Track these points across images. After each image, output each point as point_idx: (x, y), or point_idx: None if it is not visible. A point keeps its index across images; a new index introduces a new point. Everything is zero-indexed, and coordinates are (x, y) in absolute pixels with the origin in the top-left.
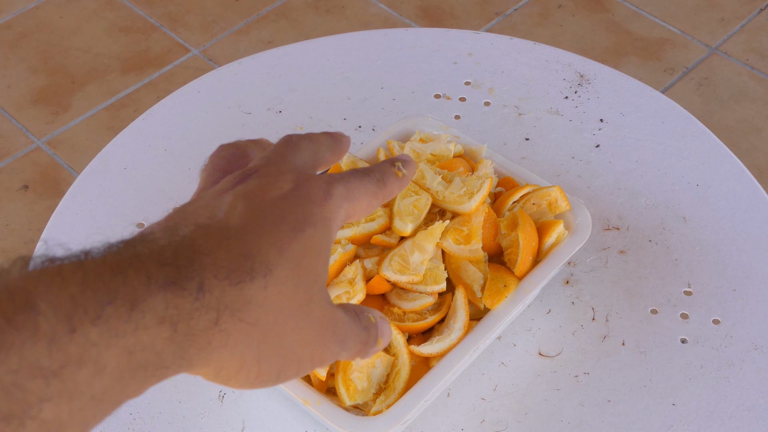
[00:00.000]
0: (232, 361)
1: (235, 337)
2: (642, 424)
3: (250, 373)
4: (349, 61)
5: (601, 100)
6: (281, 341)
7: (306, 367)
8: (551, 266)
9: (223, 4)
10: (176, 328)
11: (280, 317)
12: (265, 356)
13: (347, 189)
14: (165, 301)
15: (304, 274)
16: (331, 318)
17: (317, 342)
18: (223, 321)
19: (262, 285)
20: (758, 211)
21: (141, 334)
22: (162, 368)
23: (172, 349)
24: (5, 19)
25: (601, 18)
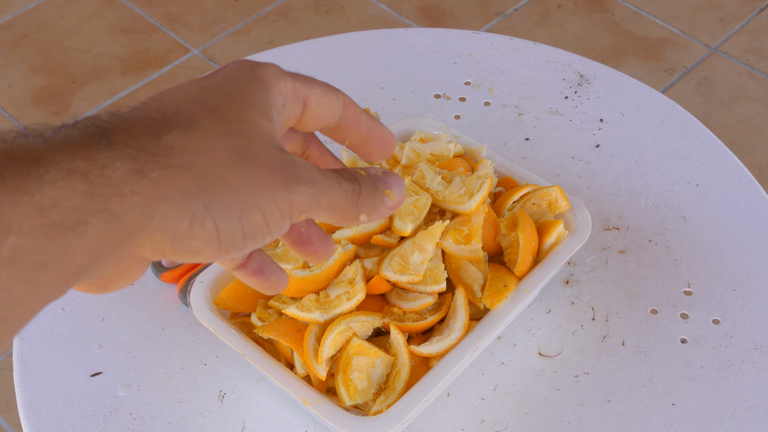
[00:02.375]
0: (178, 215)
1: (166, 183)
2: (642, 424)
3: (206, 225)
4: (349, 61)
5: (601, 100)
6: (226, 185)
7: (273, 213)
8: (551, 266)
9: (223, 4)
10: (88, 179)
11: (214, 160)
12: (215, 203)
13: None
14: (68, 154)
15: (234, 122)
16: (287, 161)
17: (274, 182)
18: (146, 168)
19: (182, 132)
20: (758, 211)
21: (48, 189)
22: (81, 223)
23: (90, 201)
24: (5, 19)
25: (601, 18)
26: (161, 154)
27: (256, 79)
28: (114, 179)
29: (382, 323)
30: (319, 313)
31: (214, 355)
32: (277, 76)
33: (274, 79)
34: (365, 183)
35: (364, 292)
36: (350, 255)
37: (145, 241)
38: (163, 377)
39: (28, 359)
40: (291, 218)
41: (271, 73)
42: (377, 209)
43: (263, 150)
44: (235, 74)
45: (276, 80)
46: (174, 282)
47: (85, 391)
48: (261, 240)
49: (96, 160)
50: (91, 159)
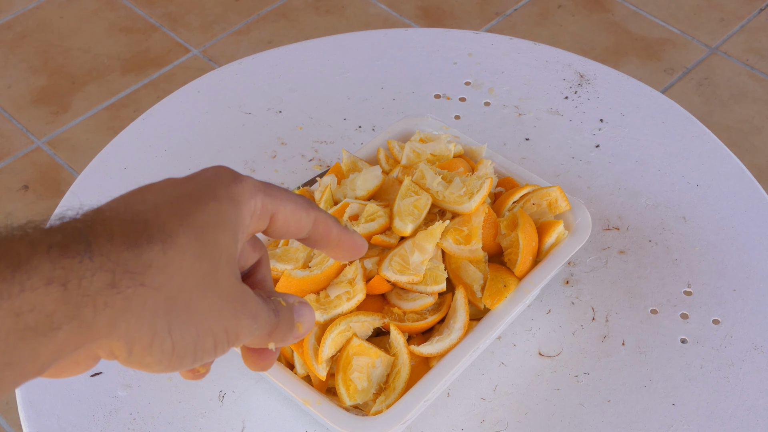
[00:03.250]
0: (142, 331)
1: (138, 301)
2: (642, 424)
3: (164, 345)
4: (349, 61)
5: (601, 100)
6: (190, 310)
7: (222, 340)
8: (551, 266)
9: (223, 4)
10: (67, 288)
11: (185, 284)
12: (177, 325)
13: (266, 186)
14: (51, 262)
15: (208, 244)
16: (241, 292)
17: (229, 313)
18: (122, 283)
19: (161, 250)
20: (758, 211)
21: (28, 296)
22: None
23: (64, 309)
24: (5, 19)
25: (601, 18)
26: (138, 272)
27: (230, 197)
28: (90, 291)
29: (382, 323)
30: (319, 313)
31: None
32: (249, 194)
33: (246, 198)
34: (284, 315)
35: (364, 292)
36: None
37: (105, 345)
38: (163, 377)
39: None
40: (234, 344)
41: (245, 191)
42: (285, 339)
43: (225, 279)
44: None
45: (248, 199)
46: None
47: (85, 391)
48: (204, 361)
49: (77, 272)
50: (72, 269)
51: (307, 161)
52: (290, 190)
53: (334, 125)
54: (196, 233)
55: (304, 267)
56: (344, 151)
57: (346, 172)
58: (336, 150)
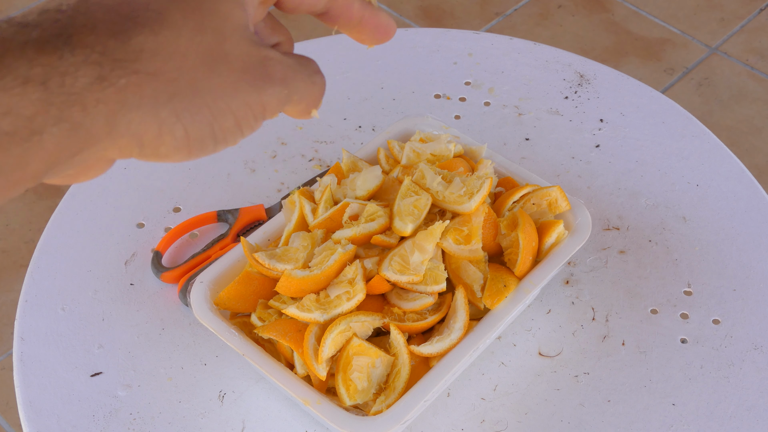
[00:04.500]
0: (146, 123)
1: (133, 92)
2: (642, 424)
3: (176, 133)
4: (349, 61)
5: (601, 100)
6: (197, 90)
7: (245, 116)
8: (551, 266)
9: None
10: (47, 87)
11: (186, 64)
12: (184, 109)
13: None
14: (27, 60)
15: (207, 15)
16: (260, 58)
17: (247, 85)
18: (112, 75)
19: (151, 31)
20: (758, 211)
21: (2, 97)
22: (36, 133)
23: (47, 111)
24: None
25: (601, 18)
26: (129, 60)
27: None
28: (76, 88)
29: (382, 323)
30: (319, 313)
31: (214, 355)
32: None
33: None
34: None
35: (364, 292)
36: (350, 255)
37: (110, 146)
38: (163, 377)
39: (28, 359)
40: (263, 118)
41: None
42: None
43: (236, 47)
44: None
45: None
46: (174, 282)
47: (85, 391)
48: (233, 141)
49: (57, 68)
50: (51, 65)
51: (307, 161)
52: None
53: (334, 125)
54: (191, 5)
55: (304, 267)
56: (344, 151)
57: (346, 172)
58: (336, 150)
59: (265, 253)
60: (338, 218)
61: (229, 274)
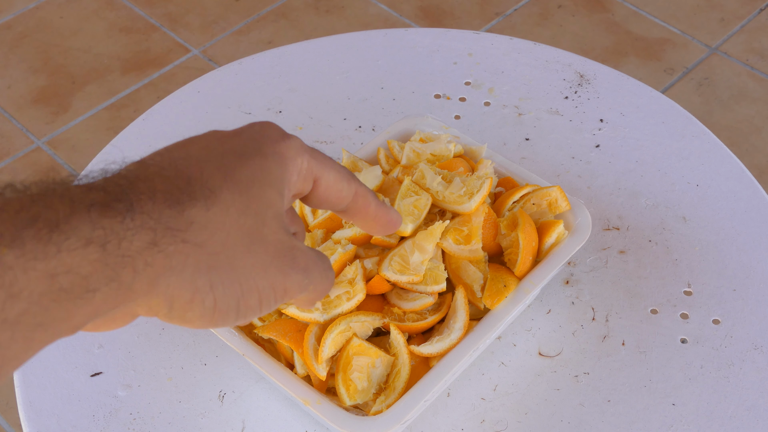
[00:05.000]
0: (182, 288)
1: (179, 259)
2: (642, 424)
3: (206, 302)
4: (349, 61)
5: (601, 100)
6: (234, 266)
7: (268, 297)
8: (551, 266)
9: (223, 4)
10: (105, 249)
11: (228, 240)
12: (219, 282)
13: (312, 149)
14: (90, 222)
15: (253, 200)
16: (290, 246)
17: (275, 270)
18: (163, 242)
19: (203, 206)
20: (758, 211)
21: (64, 256)
22: (90, 291)
23: (102, 271)
24: (5, 19)
25: (601, 18)
26: (180, 229)
27: (277, 154)
28: (131, 251)
29: (382, 323)
30: (319, 313)
31: (214, 355)
32: (295, 152)
33: (292, 155)
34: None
35: (364, 292)
36: (350, 255)
37: (143, 303)
38: (163, 377)
39: None
40: (281, 301)
41: (291, 148)
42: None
43: (273, 233)
44: (260, 142)
45: (294, 157)
46: None
47: (85, 391)
48: (250, 318)
49: (117, 232)
50: (112, 229)
51: None
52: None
53: (334, 125)
54: (241, 189)
55: None
56: (344, 151)
57: None
58: (336, 150)
59: None
60: (338, 218)
61: None
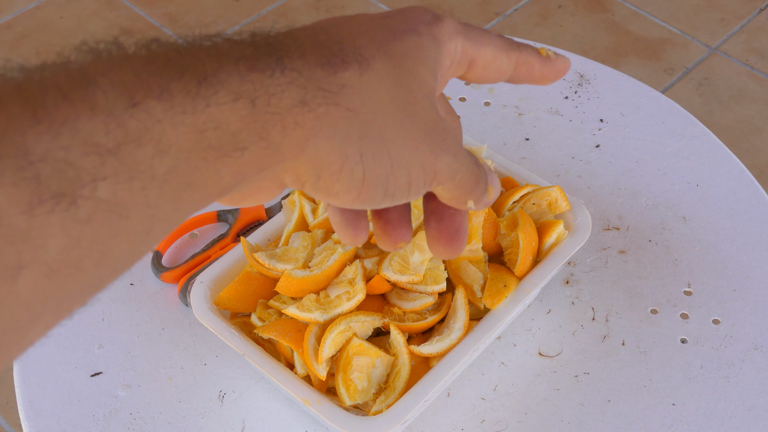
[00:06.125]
0: (332, 155)
1: (329, 121)
2: (642, 424)
3: (355, 172)
4: None
5: (601, 100)
6: (385, 138)
7: (417, 177)
8: (551, 266)
9: (223, 4)
10: (255, 104)
11: (380, 110)
12: (369, 152)
13: (466, 28)
14: (239, 75)
15: (407, 74)
16: (441, 126)
17: (427, 148)
18: (314, 102)
19: (357, 71)
20: (758, 211)
21: (213, 111)
22: (238, 149)
23: (251, 128)
24: (5, 19)
25: (601, 18)
26: (332, 91)
27: (431, 35)
28: (280, 108)
29: (382, 323)
30: (319, 313)
31: (214, 355)
32: (449, 35)
33: (446, 39)
34: (482, 172)
35: (364, 292)
36: (350, 255)
37: (291, 169)
38: (163, 377)
39: (28, 359)
40: (430, 186)
41: (445, 31)
42: (479, 201)
43: (424, 110)
44: (414, 23)
45: (448, 40)
46: (174, 282)
47: (85, 391)
48: (398, 200)
49: (267, 87)
50: (262, 84)
51: None
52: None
53: None
54: (395, 62)
55: (304, 267)
56: None
57: None
58: None
59: (265, 253)
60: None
61: (229, 274)
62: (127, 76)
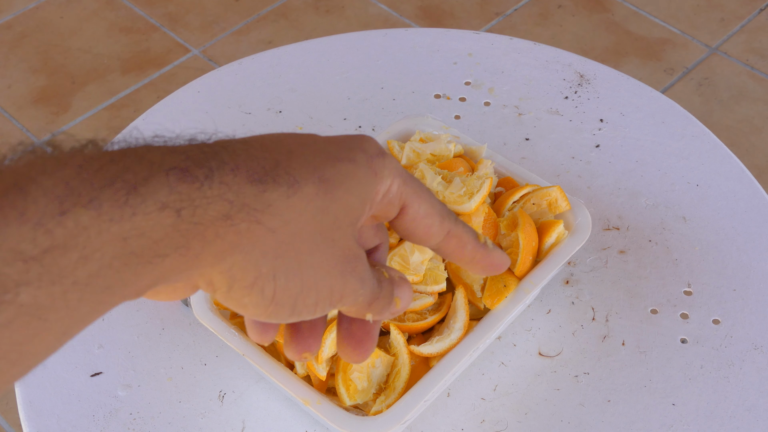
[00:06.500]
0: (246, 270)
1: (249, 238)
2: (642, 424)
3: (266, 290)
4: (349, 61)
5: (601, 100)
6: (300, 260)
7: (324, 299)
8: (551, 266)
9: (223, 4)
10: (180, 215)
11: (301, 233)
12: (282, 273)
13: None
14: (168, 186)
15: (334, 201)
16: (355, 254)
17: (338, 274)
18: (238, 217)
19: (285, 193)
20: (758, 211)
21: (138, 220)
22: (159, 256)
23: (173, 237)
24: (5, 19)
25: (601, 18)
26: (258, 209)
27: (369, 167)
28: (204, 219)
29: (382, 323)
30: None
31: (214, 355)
32: (389, 172)
33: (385, 174)
34: (385, 287)
35: None
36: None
37: (207, 275)
38: (163, 377)
39: None
40: (335, 306)
41: (386, 167)
42: (383, 312)
43: (343, 237)
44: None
45: (386, 177)
46: None
47: (85, 391)
48: (303, 318)
49: (194, 199)
50: (189, 195)
51: None
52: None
53: (334, 125)
54: (326, 187)
55: None
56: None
57: None
58: None
59: None
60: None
61: None
62: (58, 184)
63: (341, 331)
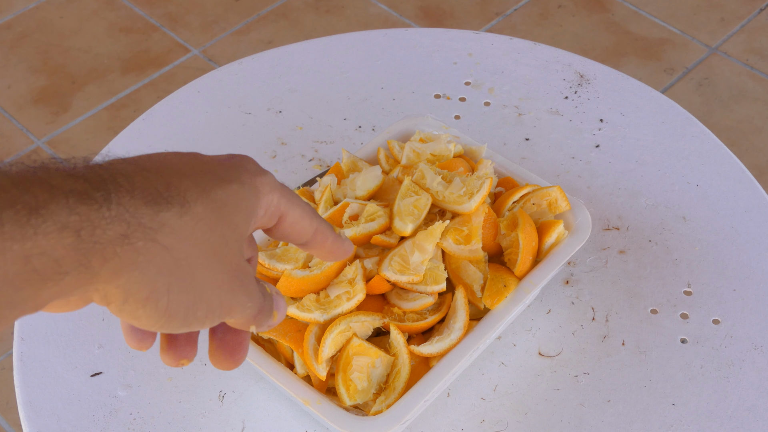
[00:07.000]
0: (141, 285)
1: (145, 257)
2: (642, 424)
3: (159, 303)
4: (349, 61)
5: (601, 100)
6: (193, 276)
7: (214, 312)
8: (551, 266)
9: (223, 4)
10: (80, 235)
11: (193, 251)
12: (176, 287)
13: (283, 187)
14: (68, 208)
15: (223, 219)
16: (244, 270)
17: (228, 288)
18: (134, 236)
19: (178, 213)
20: (758, 211)
21: (40, 239)
22: (60, 274)
23: (74, 256)
24: (5, 19)
25: (601, 18)
26: (153, 228)
27: (253, 185)
28: (103, 239)
29: (382, 323)
30: (319, 313)
31: None
32: (269, 188)
33: (266, 191)
34: (266, 301)
35: (364, 292)
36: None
37: (101, 290)
38: (163, 377)
39: (28, 359)
40: (223, 318)
41: (266, 184)
42: (262, 325)
43: (232, 254)
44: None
45: (267, 193)
46: None
47: (85, 391)
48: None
49: (93, 220)
50: (88, 216)
51: (307, 161)
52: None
53: (334, 125)
54: (214, 207)
55: (304, 267)
56: (344, 151)
57: (346, 172)
58: (336, 150)
59: (265, 253)
60: (338, 218)
61: None
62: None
63: (215, 341)
